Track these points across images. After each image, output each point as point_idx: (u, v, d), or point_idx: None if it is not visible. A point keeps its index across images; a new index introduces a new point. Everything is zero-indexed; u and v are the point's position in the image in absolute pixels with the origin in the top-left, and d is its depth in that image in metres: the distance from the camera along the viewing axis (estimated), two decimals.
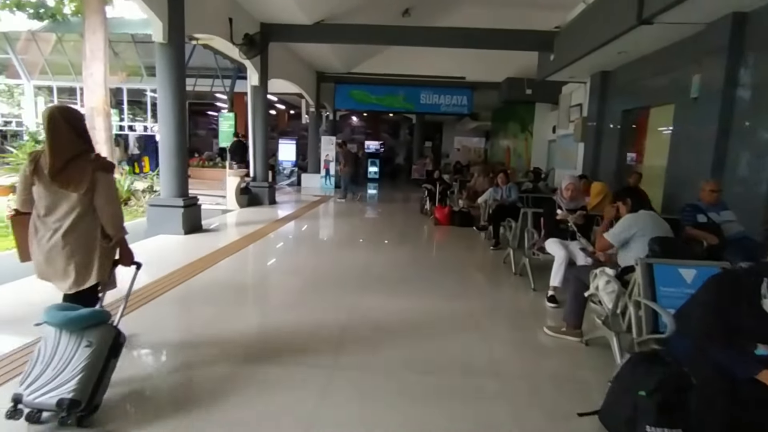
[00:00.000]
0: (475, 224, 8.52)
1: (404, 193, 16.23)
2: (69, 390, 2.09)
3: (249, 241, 6.65)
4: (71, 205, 2.39)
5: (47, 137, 2.36)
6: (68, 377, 2.12)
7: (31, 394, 2.11)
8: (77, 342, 2.20)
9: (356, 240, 7.26)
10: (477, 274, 5.58)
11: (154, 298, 4.09)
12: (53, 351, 2.19)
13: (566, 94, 12.02)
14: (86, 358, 2.16)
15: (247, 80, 10.22)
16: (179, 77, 6.66)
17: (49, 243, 2.40)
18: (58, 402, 2.07)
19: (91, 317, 2.26)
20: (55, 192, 2.37)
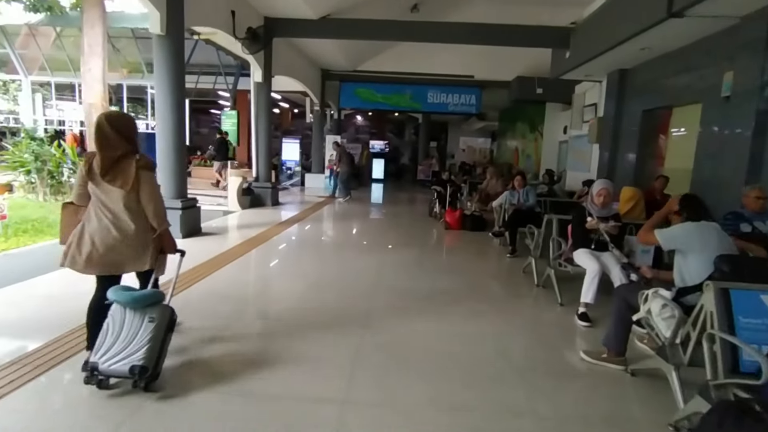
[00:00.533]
0: (488, 229, 8.13)
1: (410, 194, 15.84)
2: (139, 358, 2.43)
3: (250, 246, 6.26)
4: (120, 200, 2.66)
5: (96, 141, 2.64)
6: (137, 347, 2.47)
7: (106, 362, 2.44)
8: (141, 318, 2.55)
9: (363, 246, 6.86)
10: (496, 285, 5.17)
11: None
12: (121, 325, 2.54)
13: (580, 94, 11.60)
14: (151, 332, 2.52)
15: (251, 77, 9.83)
16: (178, 72, 6.27)
17: (106, 233, 2.67)
18: (130, 369, 2.41)
19: (152, 297, 2.63)
20: (105, 189, 2.66)
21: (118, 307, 2.58)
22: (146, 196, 2.71)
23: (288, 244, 6.76)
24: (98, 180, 2.64)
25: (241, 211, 9.32)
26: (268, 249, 6.25)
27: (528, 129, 16.04)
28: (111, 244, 2.66)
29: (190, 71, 15.37)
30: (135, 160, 2.68)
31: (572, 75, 10.00)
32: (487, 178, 8.74)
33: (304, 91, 14.58)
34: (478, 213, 8.23)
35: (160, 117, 6.28)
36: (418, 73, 14.66)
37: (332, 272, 5.24)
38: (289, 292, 4.50)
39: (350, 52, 13.40)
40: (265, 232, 7.16)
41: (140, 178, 2.67)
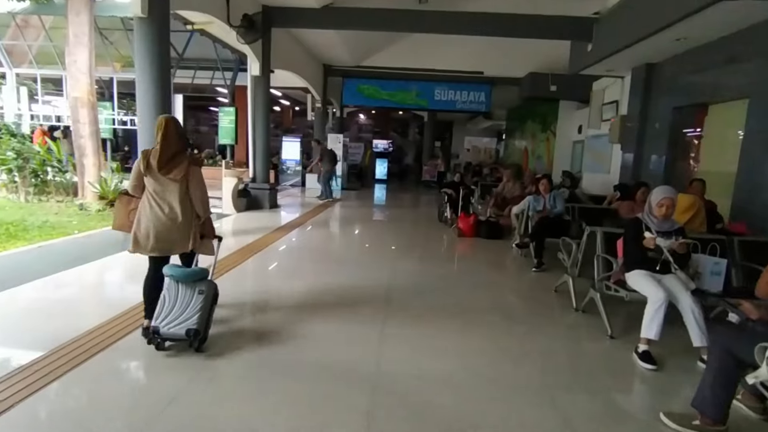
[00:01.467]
0: (505, 236, 7.41)
1: (416, 196, 15.11)
2: (193, 323, 2.88)
3: (243, 255, 5.53)
4: (173, 190, 3.06)
5: (161, 139, 3.03)
6: (190, 314, 2.91)
7: (165, 327, 2.87)
8: (192, 290, 2.98)
9: (370, 256, 6.11)
10: (525, 306, 4.42)
11: (116, 341, 3.05)
12: (176, 297, 2.96)
13: (598, 91, 10.85)
14: (201, 302, 2.96)
15: (248, 70, 9.10)
16: (161, 58, 5.54)
17: (158, 220, 3.04)
18: (186, 331, 2.86)
19: (200, 273, 3.07)
20: (161, 180, 3.04)
21: (172, 282, 3.00)
22: (194, 187, 3.14)
23: (284, 254, 6.01)
24: (155, 173, 3.03)
25: (236, 215, 8.60)
26: (261, 262, 5.50)
27: (539, 128, 15.29)
28: (164, 229, 3.06)
29: (186, 66, 14.69)
30: (187, 156, 3.13)
31: (593, 70, 9.27)
32: (504, 181, 8.00)
33: (305, 88, 13.87)
34: (494, 219, 7.49)
35: (142, 112, 5.56)
36: (425, 69, 13.92)
37: (335, 288, 4.50)
38: (287, 313, 3.77)
39: (354, 46, 12.67)
40: (260, 240, 6.42)
41: (190, 172, 3.11)
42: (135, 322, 3.34)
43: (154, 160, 3.02)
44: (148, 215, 3.05)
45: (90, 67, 9.20)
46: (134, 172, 3.12)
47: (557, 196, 5.76)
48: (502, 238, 7.40)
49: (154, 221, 3.04)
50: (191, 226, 3.14)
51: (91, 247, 5.92)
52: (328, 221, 8.94)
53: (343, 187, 14.57)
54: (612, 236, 3.78)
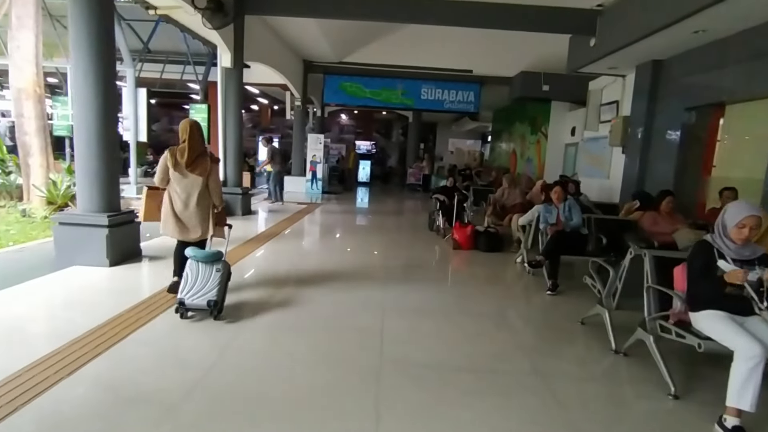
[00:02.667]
0: (506, 248, 6.60)
1: (402, 201, 14.22)
2: (213, 295, 3.43)
3: None
4: (196, 185, 3.66)
5: (188, 140, 3.61)
6: (210, 288, 3.44)
7: (190, 299, 3.42)
8: (210, 269, 3.48)
9: (355, 276, 5.17)
10: (555, 351, 3.42)
11: None
12: (197, 274, 3.47)
13: (596, 91, 10.19)
14: (219, 278, 3.48)
15: (218, 62, 8.10)
16: (102, 39, 4.52)
17: (183, 210, 3.68)
18: (207, 302, 3.41)
19: (217, 255, 3.57)
20: (187, 176, 3.63)
21: (194, 262, 3.48)
22: (213, 183, 3.73)
23: (253, 276, 5.04)
24: (183, 169, 3.60)
25: None
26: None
27: (529, 130, 14.62)
28: (187, 217, 3.69)
29: (154, 59, 13.54)
30: (208, 155, 3.73)
31: (594, 68, 8.56)
32: (503, 187, 7.19)
33: (284, 85, 12.88)
34: (494, 229, 6.67)
35: (78, 103, 4.52)
36: (412, 67, 13.09)
37: (316, 332, 3.58)
38: (242, 381, 2.85)
39: (336, 41, 11.75)
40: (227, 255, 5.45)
41: (211, 169, 3.71)
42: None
43: (182, 158, 3.57)
44: (173, 206, 3.63)
45: (36, 54, 8.06)
46: (161, 168, 3.62)
47: (572, 206, 4.95)
48: (502, 250, 6.59)
49: (180, 211, 3.64)
50: (208, 214, 3.75)
51: (24, 264, 4.87)
52: (306, 231, 7.98)
53: (323, 191, 13.61)
54: (666, 261, 2.97)
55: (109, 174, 4.68)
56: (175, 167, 3.58)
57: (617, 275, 3.28)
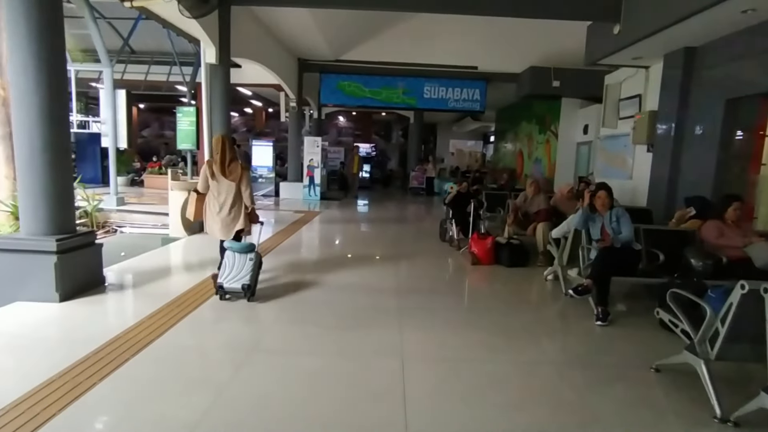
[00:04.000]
0: (532, 262, 5.75)
1: (405, 206, 13.31)
2: (246, 280, 4.02)
3: (174, 314, 3.67)
4: (231, 189, 4.26)
5: (221, 151, 4.24)
6: (244, 274, 4.03)
7: (227, 283, 4.02)
8: (244, 258, 4.07)
9: (361, 307, 4.29)
10: (622, 411, 2.54)
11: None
12: (233, 263, 4.06)
13: (614, 85, 9.35)
14: (252, 266, 4.07)
15: (201, 57, 7.23)
16: (48, 16, 3.66)
17: (219, 211, 4.28)
18: (242, 286, 4.00)
19: (249, 247, 4.15)
20: (223, 182, 4.24)
21: (231, 253, 4.07)
22: (245, 186, 4.31)
23: (235, 313, 4.16)
24: (219, 176, 4.23)
25: (186, 238, 6.70)
26: (200, 326, 3.66)
27: (537, 129, 13.79)
28: (224, 218, 4.28)
29: (138, 60, 12.69)
30: (239, 162, 4.34)
31: (615, 59, 7.74)
32: (527, 191, 6.33)
33: (277, 85, 12.01)
34: (517, 240, 5.81)
35: (17, 103, 3.64)
36: (413, 64, 12.23)
37: (314, 391, 2.73)
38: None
39: (333, 37, 10.91)
40: (207, 282, 4.56)
41: (243, 174, 4.30)
42: None
43: (216, 167, 4.24)
44: (213, 209, 4.30)
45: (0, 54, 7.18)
46: (202, 177, 4.31)
47: (621, 216, 4.08)
48: (527, 264, 5.73)
49: (218, 212, 4.28)
50: (241, 214, 4.33)
51: None
52: (303, 244, 7.10)
53: (322, 197, 12.73)
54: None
55: (58, 189, 3.80)
56: (212, 176, 4.25)
57: (718, 316, 2.41)
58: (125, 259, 5.53)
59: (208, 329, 3.53)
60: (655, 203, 7.28)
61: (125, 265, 5.17)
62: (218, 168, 4.21)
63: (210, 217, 4.33)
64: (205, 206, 4.35)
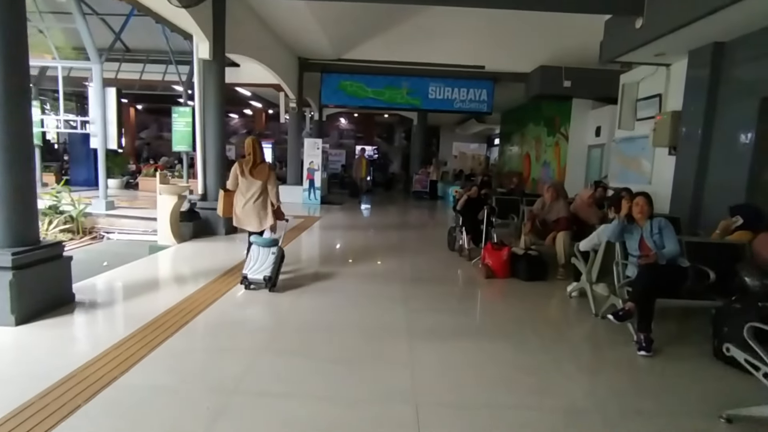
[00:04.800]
0: (551, 276, 5.20)
1: (408, 211, 12.76)
2: (269, 272, 4.33)
3: (147, 342, 3.14)
4: (258, 187, 4.63)
5: (252, 152, 4.61)
6: (266, 266, 4.35)
7: (251, 275, 4.35)
8: (267, 252, 4.41)
9: (363, 330, 3.75)
10: None
11: None
12: (257, 256, 4.40)
13: (630, 84, 8.82)
14: (274, 259, 4.38)
15: (194, 52, 6.72)
16: (3, 3, 3.14)
17: (246, 207, 4.64)
18: (263, 277, 4.32)
19: (273, 242, 4.50)
20: (251, 181, 4.60)
21: (255, 246, 4.44)
22: (271, 185, 4.66)
23: (225, 337, 3.61)
24: (248, 176, 4.56)
25: (176, 246, 6.17)
26: (173, 365, 3.10)
27: (545, 131, 13.26)
28: (251, 213, 4.64)
29: (133, 58, 12.20)
30: (266, 163, 4.71)
31: (636, 55, 7.20)
32: (545, 197, 5.78)
33: (277, 85, 11.51)
34: (535, 252, 5.26)
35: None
36: (418, 63, 11.73)
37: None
38: None
39: (334, 34, 10.41)
40: (191, 300, 4.02)
41: (269, 174, 4.66)
42: None
43: (247, 167, 4.58)
44: (241, 205, 4.65)
45: None
46: (233, 175, 4.67)
47: (664, 228, 3.54)
48: (546, 278, 5.19)
49: (246, 208, 4.64)
50: (264, 211, 4.70)
51: None
52: (301, 254, 6.54)
53: (322, 201, 12.21)
54: None
55: (17, 195, 3.27)
56: (242, 174, 4.56)
57: None
58: (108, 269, 5.01)
59: (187, 363, 2.95)
60: (679, 210, 6.74)
61: (105, 277, 4.64)
62: (248, 168, 4.58)
63: (240, 212, 4.68)
64: (234, 202, 4.71)
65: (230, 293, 4.31)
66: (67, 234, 7.20)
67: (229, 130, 23.35)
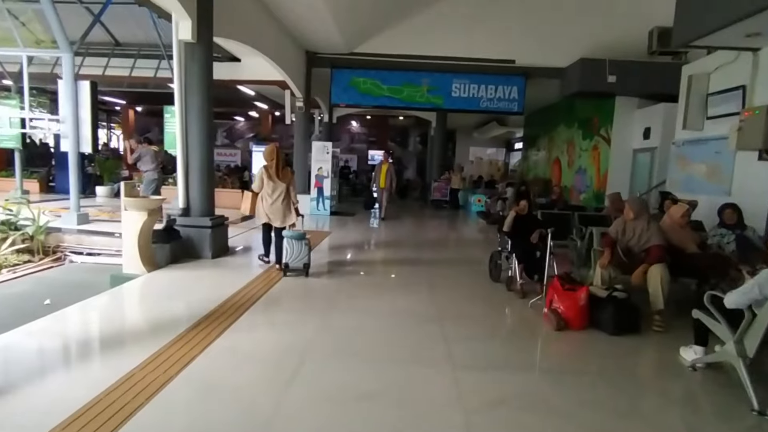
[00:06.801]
0: (647, 326, 3.73)
1: (428, 223, 11.23)
2: (305, 260, 5.08)
3: None
4: (282, 189, 5.20)
5: (275, 158, 5.19)
6: (302, 255, 5.07)
7: (292, 263, 5.03)
8: (301, 243, 5.05)
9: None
10: None
11: None
12: (293, 247, 5.03)
13: (699, 75, 7.32)
14: (307, 250, 5.09)
15: (173, 33, 5.37)
16: None
17: (273, 206, 5.20)
18: (303, 264, 5.08)
19: (303, 234, 5.11)
20: (276, 183, 5.16)
21: (291, 240, 5.03)
22: (292, 186, 5.30)
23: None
24: (274, 179, 5.14)
25: (145, 277, 4.78)
26: None
27: (580, 134, 11.75)
28: (274, 210, 5.20)
29: (123, 52, 10.97)
30: (288, 167, 5.37)
31: (718, 38, 5.72)
32: (625, 216, 4.28)
33: (282, 82, 10.17)
34: (623, 293, 3.78)
35: None
36: (440, 57, 10.31)
37: None
38: None
39: (346, 24, 9.04)
40: (133, 382, 2.63)
41: (291, 177, 5.31)
42: None
43: (272, 171, 5.14)
44: (267, 204, 5.19)
45: None
46: (259, 178, 5.21)
47: None
48: (640, 329, 3.72)
49: (270, 206, 5.18)
50: (287, 209, 5.26)
51: None
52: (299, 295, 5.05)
53: (332, 212, 10.80)
54: None
55: None
56: (269, 178, 5.15)
57: None
58: (47, 310, 3.67)
59: None
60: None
61: (29, 328, 3.27)
62: (274, 172, 5.15)
63: (267, 209, 5.21)
64: (259, 202, 5.25)
65: (204, 361, 2.90)
66: (23, 255, 5.89)
67: (235, 134, 22.10)
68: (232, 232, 7.28)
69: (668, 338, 3.62)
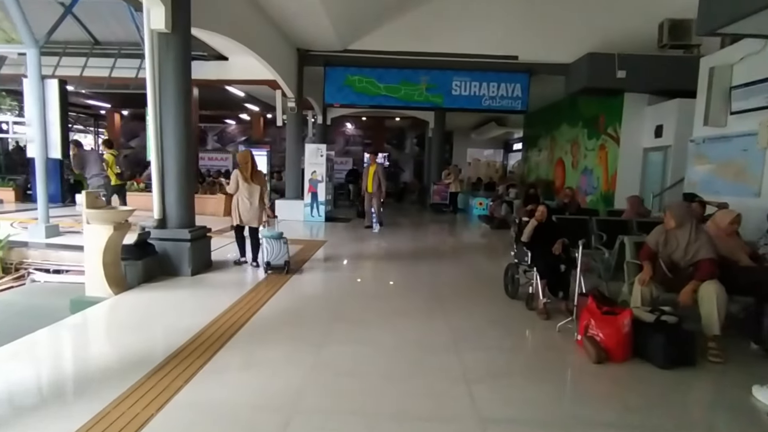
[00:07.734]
0: (703, 361, 3.13)
1: (428, 229, 10.59)
2: (285, 257, 5.36)
3: None
4: (256, 191, 5.53)
5: (249, 163, 5.55)
6: (282, 253, 5.34)
7: (273, 260, 5.30)
8: (279, 242, 5.35)
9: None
10: None
11: None
12: (272, 246, 5.32)
13: (721, 68, 6.77)
14: (286, 248, 5.39)
15: (144, 21, 4.72)
16: None
17: (251, 207, 5.50)
18: (284, 262, 5.34)
19: (280, 234, 5.41)
20: (251, 185, 5.50)
21: (270, 239, 5.32)
22: (263, 188, 5.65)
23: None
24: (249, 181, 5.46)
25: (112, 300, 4.11)
26: None
27: (585, 133, 11.19)
28: (248, 211, 5.47)
29: (103, 52, 10.29)
30: (260, 171, 5.77)
31: (749, 24, 5.14)
32: (666, 224, 3.67)
33: (273, 81, 9.53)
34: (674, 317, 3.17)
35: None
36: (440, 54, 9.72)
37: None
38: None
39: (341, 20, 8.42)
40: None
41: (263, 180, 5.72)
42: None
43: (247, 174, 5.46)
44: (242, 206, 5.45)
45: None
46: (234, 181, 5.47)
47: None
48: (695, 362, 3.10)
49: (245, 208, 5.46)
50: (261, 210, 5.59)
51: None
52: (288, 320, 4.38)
53: (327, 218, 10.15)
54: None
55: None
56: (245, 180, 5.44)
57: None
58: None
59: None
60: None
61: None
62: (248, 175, 5.49)
63: (243, 210, 5.48)
64: (235, 203, 5.51)
65: (158, 426, 2.24)
66: None
67: (226, 137, 21.39)
68: (220, 243, 6.64)
69: (731, 371, 3.01)
